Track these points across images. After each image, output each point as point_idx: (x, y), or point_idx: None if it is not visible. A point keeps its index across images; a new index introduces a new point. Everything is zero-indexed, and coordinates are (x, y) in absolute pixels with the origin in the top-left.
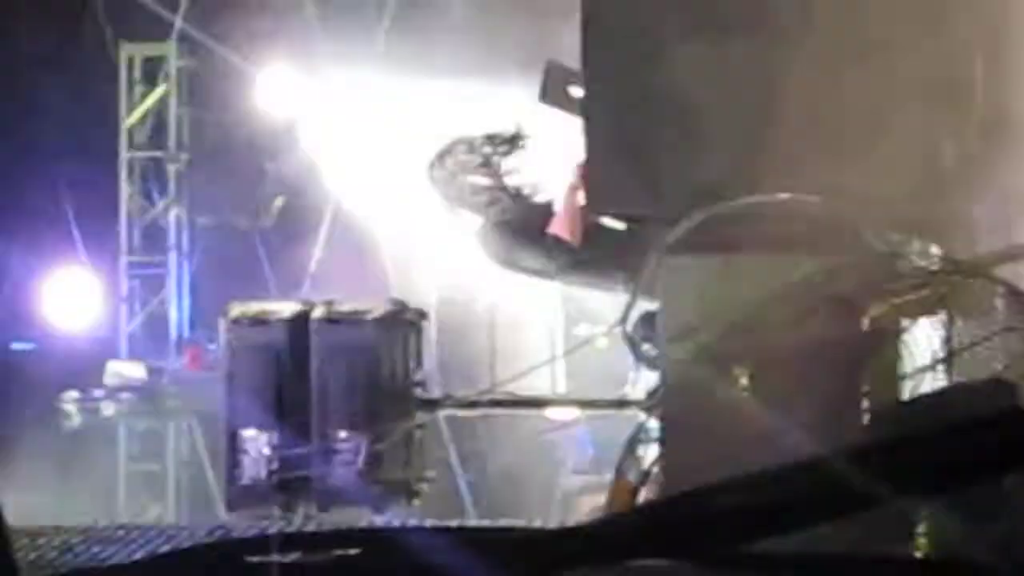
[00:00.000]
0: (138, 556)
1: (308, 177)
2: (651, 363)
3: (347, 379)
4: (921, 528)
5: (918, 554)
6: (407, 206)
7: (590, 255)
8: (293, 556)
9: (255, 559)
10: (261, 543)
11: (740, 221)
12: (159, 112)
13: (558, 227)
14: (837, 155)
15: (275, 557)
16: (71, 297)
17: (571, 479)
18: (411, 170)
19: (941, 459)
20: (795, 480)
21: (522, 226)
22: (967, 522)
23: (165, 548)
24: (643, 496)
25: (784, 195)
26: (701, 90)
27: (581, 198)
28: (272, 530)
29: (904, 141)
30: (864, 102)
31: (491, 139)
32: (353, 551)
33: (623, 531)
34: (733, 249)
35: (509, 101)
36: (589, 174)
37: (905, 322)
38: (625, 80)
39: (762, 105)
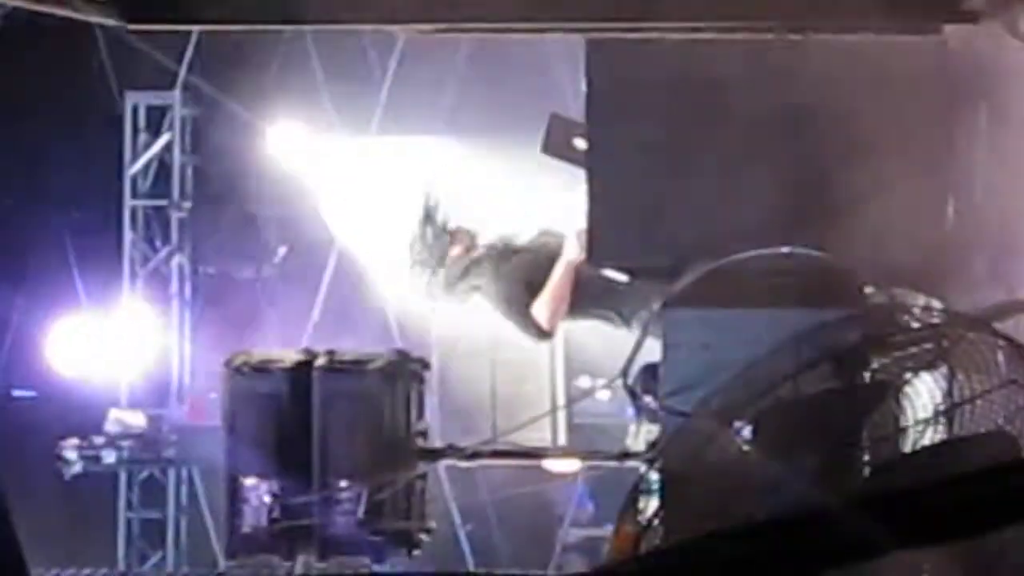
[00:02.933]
0: None
1: (311, 227)
2: (652, 416)
3: (348, 428)
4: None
5: None
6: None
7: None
8: None
9: None
10: None
11: (742, 275)
12: (163, 160)
13: (538, 310)
14: (838, 210)
15: None
16: (72, 345)
17: (571, 532)
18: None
19: (945, 509)
20: (796, 530)
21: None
22: (968, 569)
23: None
24: (644, 547)
25: (785, 249)
26: (706, 144)
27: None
28: None
29: (904, 195)
30: (864, 155)
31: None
32: None
33: None
34: (735, 303)
35: (509, 155)
36: (591, 226)
37: (906, 375)
38: (629, 133)
39: (762, 161)
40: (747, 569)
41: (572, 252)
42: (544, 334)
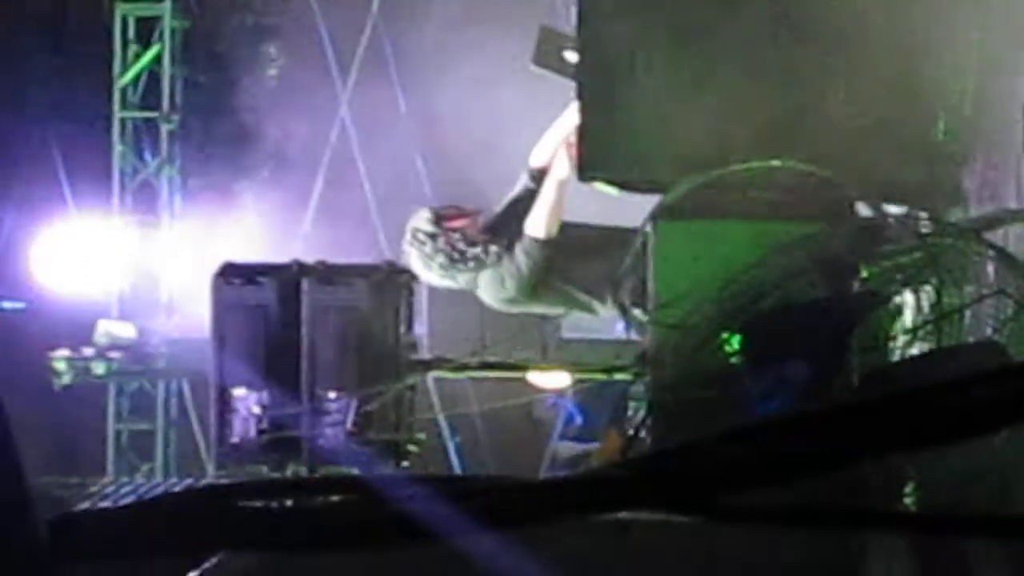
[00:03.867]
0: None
1: (301, 139)
2: (641, 328)
3: (337, 340)
4: (911, 484)
5: (909, 509)
6: (400, 170)
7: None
8: (279, 501)
9: (243, 503)
10: (248, 489)
11: (731, 188)
12: (152, 72)
13: (532, 223)
14: (827, 123)
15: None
16: (62, 257)
17: (560, 445)
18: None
19: (932, 415)
20: (786, 434)
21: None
22: (957, 478)
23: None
24: (630, 455)
25: (775, 162)
26: (696, 58)
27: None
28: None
29: (893, 109)
30: (853, 72)
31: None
32: (336, 498)
33: (612, 482)
34: (723, 215)
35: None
36: (581, 139)
37: (894, 285)
38: (620, 45)
39: (753, 74)
40: (735, 472)
41: (562, 168)
42: (544, 244)
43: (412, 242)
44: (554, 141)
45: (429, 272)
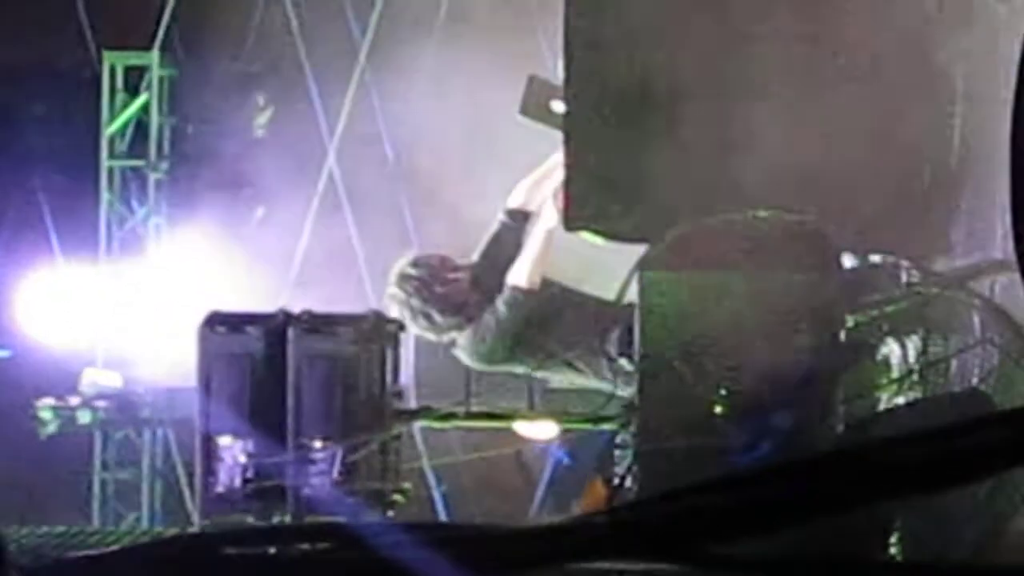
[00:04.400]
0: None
1: (289, 188)
2: (627, 378)
3: (324, 389)
4: (896, 532)
5: (894, 558)
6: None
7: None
8: (264, 548)
9: (230, 551)
10: (234, 536)
11: (719, 237)
12: (140, 121)
13: (516, 273)
14: (816, 175)
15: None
16: (49, 305)
17: (547, 495)
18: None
19: (916, 463)
20: (770, 482)
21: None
22: (942, 526)
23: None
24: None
25: (763, 212)
26: (684, 108)
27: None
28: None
29: (881, 161)
30: (843, 122)
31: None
32: (323, 545)
33: (595, 530)
34: (710, 265)
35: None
36: (568, 189)
37: (881, 335)
38: (608, 95)
39: (739, 126)
40: (719, 520)
41: (550, 219)
42: (526, 296)
43: (397, 292)
44: (532, 184)
45: (411, 324)
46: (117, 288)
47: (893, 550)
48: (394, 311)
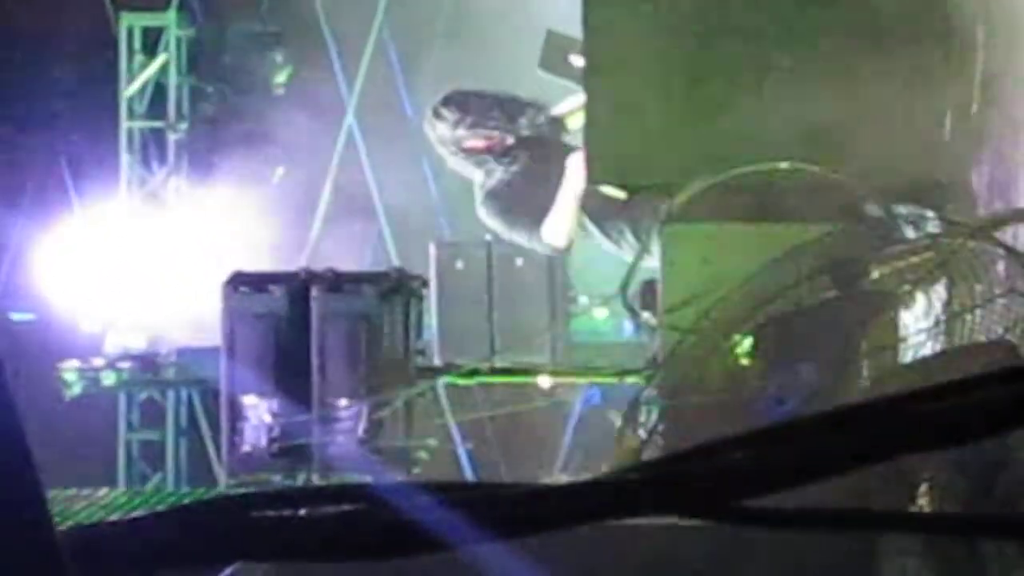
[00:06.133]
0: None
1: (308, 146)
2: (651, 332)
3: (347, 347)
4: (922, 487)
5: (920, 511)
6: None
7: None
8: (293, 511)
9: (261, 513)
10: (263, 499)
11: (739, 190)
12: (159, 82)
13: (551, 232)
14: (836, 124)
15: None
16: (71, 267)
17: (574, 450)
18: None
19: (944, 415)
20: (796, 437)
21: (513, 200)
22: (970, 481)
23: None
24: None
25: (784, 164)
26: (706, 60)
27: (573, 209)
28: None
29: (902, 108)
30: (862, 71)
31: (498, 99)
32: (351, 507)
33: (628, 487)
34: (732, 218)
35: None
36: (589, 143)
37: (905, 286)
38: (628, 48)
39: (760, 75)
40: (748, 476)
41: (575, 182)
42: (558, 251)
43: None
44: (566, 212)
45: (442, 147)
46: (138, 249)
47: (922, 501)
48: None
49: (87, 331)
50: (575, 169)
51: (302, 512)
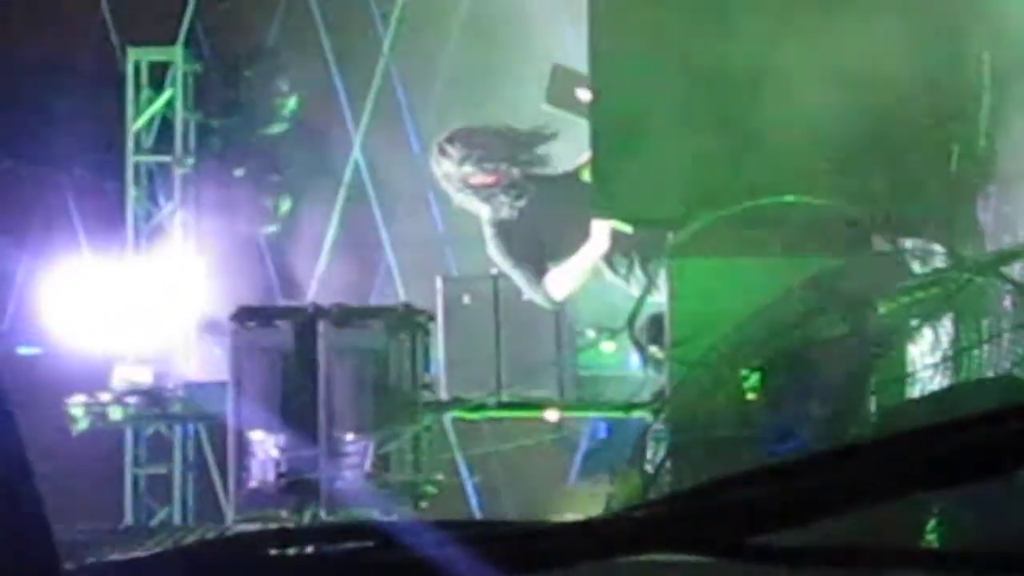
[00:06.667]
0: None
1: (315, 181)
2: (658, 366)
3: (354, 381)
4: (933, 522)
5: (931, 547)
6: (414, 211)
7: None
8: (303, 548)
9: (269, 552)
10: (271, 537)
11: (745, 224)
12: (165, 117)
13: (555, 285)
14: (843, 158)
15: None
16: (78, 302)
17: (578, 484)
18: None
19: (953, 452)
20: (807, 474)
21: (519, 237)
22: (980, 516)
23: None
24: (651, 495)
25: (790, 197)
26: (711, 94)
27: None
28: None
29: (910, 143)
30: (870, 105)
31: (502, 134)
32: (363, 544)
33: (638, 524)
34: (738, 252)
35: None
36: (594, 177)
37: (913, 321)
38: (633, 82)
39: (765, 110)
40: (755, 513)
41: (600, 245)
42: (554, 302)
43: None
44: (577, 271)
45: (448, 184)
46: (145, 283)
47: (931, 537)
48: (439, 170)
49: (94, 366)
50: (600, 232)
51: (310, 550)
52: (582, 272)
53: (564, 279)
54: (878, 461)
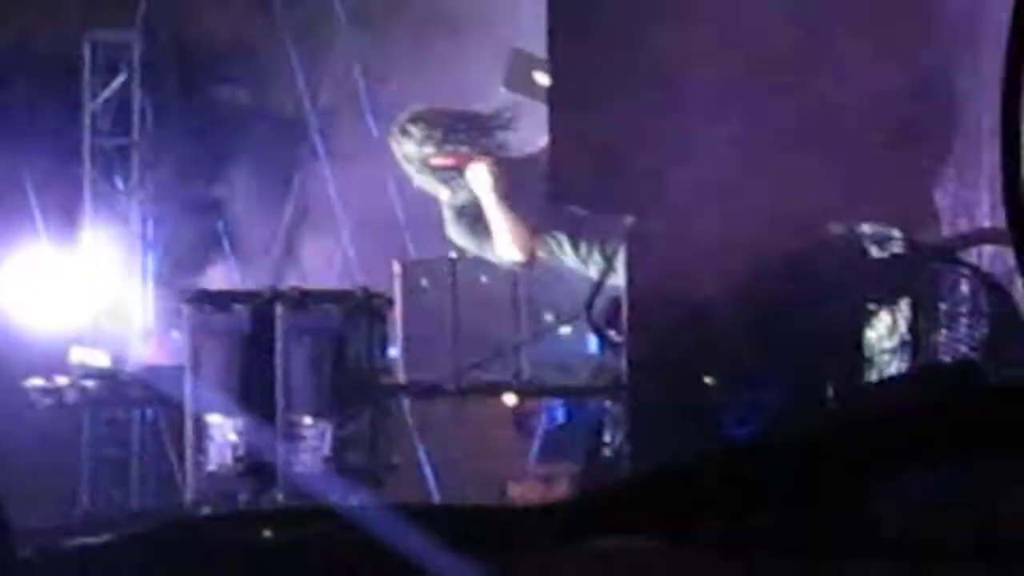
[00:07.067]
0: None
1: (273, 159)
2: (616, 349)
3: (312, 365)
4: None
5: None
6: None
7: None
8: (262, 533)
9: (225, 536)
10: (227, 521)
11: (705, 209)
12: (123, 98)
13: (502, 247)
14: (803, 142)
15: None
16: (35, 284)
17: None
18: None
19: (912, 439)
20: (760, 461)
21: (481, 217)
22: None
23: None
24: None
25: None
26: (671, 77)
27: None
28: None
29: (868, 131)
30: (829, 96)
31: (465, 116)
32: (322, 528)
33: (597, 508)
34: (699, 236)
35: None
36: (552, 163)
37: (871, 306)
38: (592, 67)
39: (722, 97)
40: (713, 498)
41: (481, 182)
42: (523, 264)
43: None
44: (500, 223)
45: (408, 164)
46: (102, 265)
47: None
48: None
49: (51, 349)
50: (478, 180)
51: (267, 534)
52: (505, 218)
53: (501, 238)
54: (830, 450)
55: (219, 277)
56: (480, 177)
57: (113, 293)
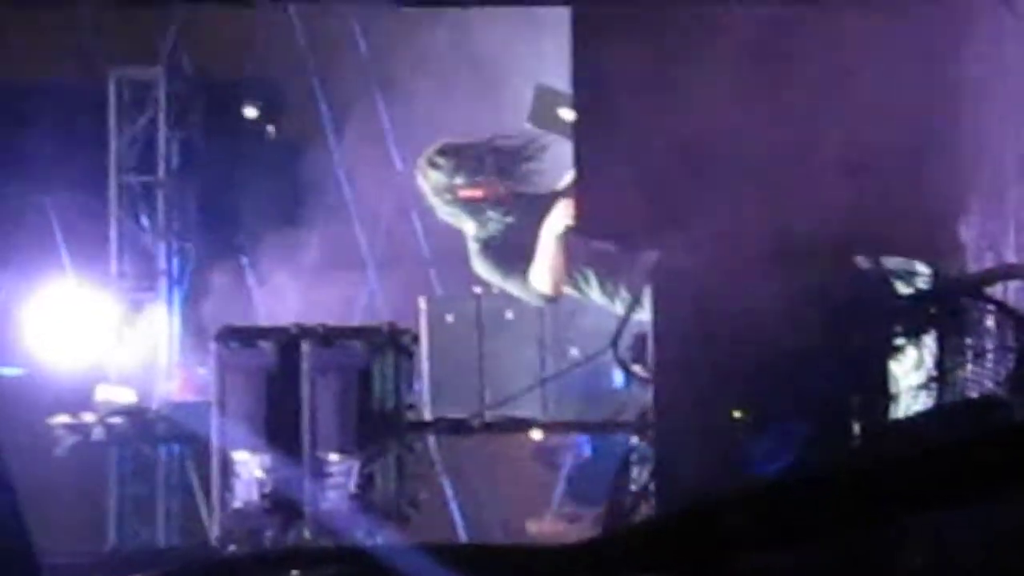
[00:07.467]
0: None
1: (296, 198)
2: (643, 384)
3: (338, 402)
4: (917, 543)
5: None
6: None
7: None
8: (289, 573)
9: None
10: (254, 561)
11: (732, 242)
12: (148, 136)
13: (537, 278)
14: (828, 178)
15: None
16: (61, 322)
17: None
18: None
19: (938, 477)
20: (789, 498)
21: (507, 251)
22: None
23: (156, 571)
24: (637, 516)
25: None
26: (697, 110)
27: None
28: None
29: (893, 163)
30: (854, 126)
31: (493, 148)
32: (349, 569)
33: (627, 547)
34: (725, 271)
35: None
36: (579, 198)
37: (897, 341)
38: (616, 105)
39: (750, 130)
40: (738, 536)
41: (555, 225)
42: (549, 299)
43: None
44: (548, 256)
45: (436, 196)
46: (128, 303)
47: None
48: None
49: (77, 387)
50: (558, 213)
51: (294, 574)
52: (554, 257)
53: (542, 271)
54: (856, 487)
55: (245, 313)
56: (567, 212)
57: (139, 330)
